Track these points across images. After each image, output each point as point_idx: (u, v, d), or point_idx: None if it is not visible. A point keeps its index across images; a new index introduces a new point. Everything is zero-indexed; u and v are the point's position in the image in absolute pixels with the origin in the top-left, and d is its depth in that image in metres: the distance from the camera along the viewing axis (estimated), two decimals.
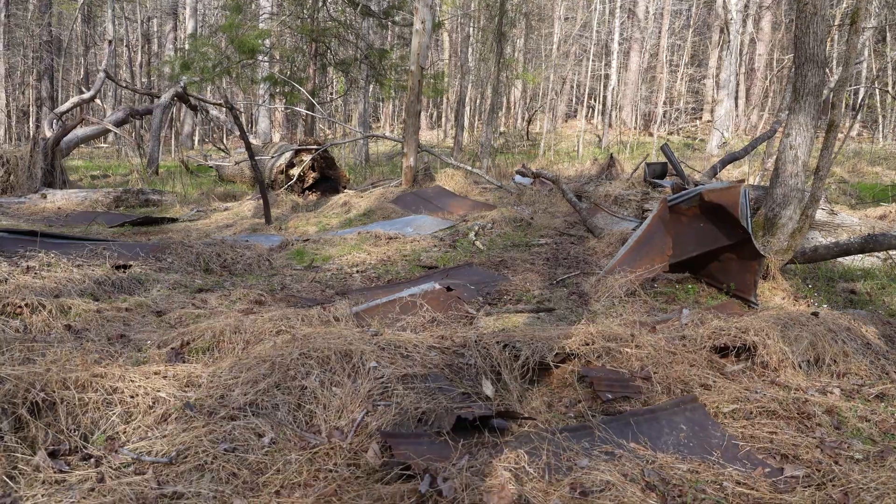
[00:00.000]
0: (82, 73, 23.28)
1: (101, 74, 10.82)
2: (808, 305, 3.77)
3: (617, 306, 3.73)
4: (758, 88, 21.78)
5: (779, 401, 2.38)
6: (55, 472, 1.81)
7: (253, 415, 2.12)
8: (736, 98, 20.65)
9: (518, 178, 9.32)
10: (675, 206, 4.11)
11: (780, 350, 2.70)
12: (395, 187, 8.64)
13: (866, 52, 16.56)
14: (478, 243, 5.57)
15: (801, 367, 2.68)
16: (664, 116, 24.11)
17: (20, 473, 1.78)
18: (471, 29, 19.18)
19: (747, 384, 2.56)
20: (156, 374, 2.32)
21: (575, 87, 28.67)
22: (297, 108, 11.93)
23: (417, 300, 3.67)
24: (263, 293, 3.90)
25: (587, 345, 2.68)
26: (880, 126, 18.31)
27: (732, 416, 2.32)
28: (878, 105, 18.60)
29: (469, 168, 9.51)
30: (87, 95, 10.58)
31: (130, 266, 4.26)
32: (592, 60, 23.10)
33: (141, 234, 6.30)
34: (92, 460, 1.90)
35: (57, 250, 4.20)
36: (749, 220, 3.88)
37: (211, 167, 11.50)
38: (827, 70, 5.40)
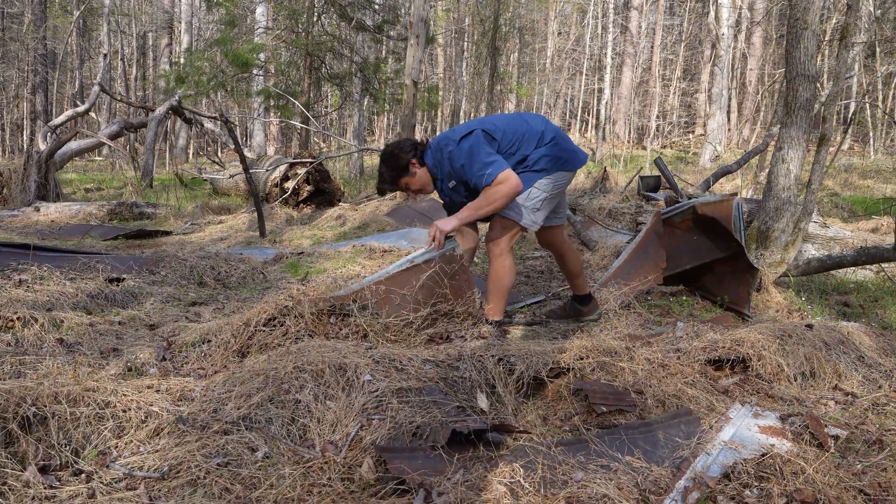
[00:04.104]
0: (77, 86, 23.30)
1: (96, 88, 10.82)
2: (802, 318, 3.78)
3: (612, 319, 3.74)
4: (750, 102, 21.98)
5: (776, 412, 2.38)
6: (45, 488, 1.79)
7: (246, 429, 2.10)
8: (728, 112, 20.82)
9: None
10: (669, 219, 4.13)
11: (775, 362, 2.71)
12: (389, 200, 8.66)
13: (857, 67, 16.75)
14: None
15: (795, 380, 2.68)
16: (657, 130, 24.28)
17: (10, 489, 1.76)
18: (465, 43, 19.32)
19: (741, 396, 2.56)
20: (148, 387, 2.30)
21: (568, 101, 28.86)
22: (292, 122, 11.96)
23: None
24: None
25: (582, 358, 2.68)
26: (871, 140, 18.49)
27: None
28: (869, 119, 18.79)
29: None
30: (81, 108, 10.58)
31: (124, 279, 4.24)
32: (586, 75, 23.27)
33: (135, 246, 6.27)
34: (83, 475, 1.88)
35: (50, 263, 4.18)
36: (742, 232, 3.90)
37: (205, 180, 11.50)
38: (818, 84, 5.45)
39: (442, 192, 3.42)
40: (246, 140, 22.35)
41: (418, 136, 26.90)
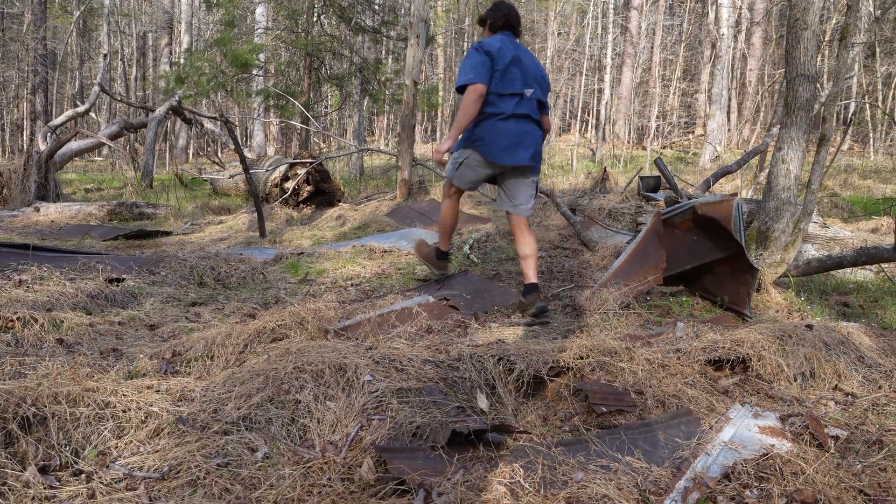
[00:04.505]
0: (77, 86, 23.30)
1: (96, 88, 10.82)
2: (802, 318, 3.78)
3: (611, 319, 3.74)
4: (749, 103, 21.98)
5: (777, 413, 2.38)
6: (45, 488, 1.79)
7: (246, 429, 2.10)
8: (728, 112, 20.82)
9: None
10: (669, 219, 4.13)
11: (775, 363, 2.71)
12: (389, 200, 8.66)
13: (857, 68, 16.75)
14: (472, 256, 5.58)
15: (795, 380, 2.68)
16: (657, 130, 24.28)
17: (10, 490, 1.76)
18: (465, 44, 19.31)
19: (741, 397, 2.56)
20: (148, 388, 2.30)
21: (568, 101, 28.87)
22: (292, 122, 11.96)
23: (414, 309, 3.67)
24: (257, 307, 3.89)
25: (582, 358, 2.68)
26: (871, 140, 18.49)
27: None
28: (869, 120, 18.80)
29: None
30: (81, 109, 10.57)
31: (124, 279, 4.24)
32: (585, 75, 23.26)
33: (135, 247, 6.27)
34: (83, 476, 1.88)
35: (50, 263, 4.18)
36: (742, 233, 3.90)
37: (205, 180, 11.50)
38: (818, 85, 5.45)
39: None
40: (246, 140, 22.35)
41: (418, 136, 26.88)
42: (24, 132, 23.82)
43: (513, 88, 3.72)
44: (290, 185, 8.80)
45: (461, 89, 3.71)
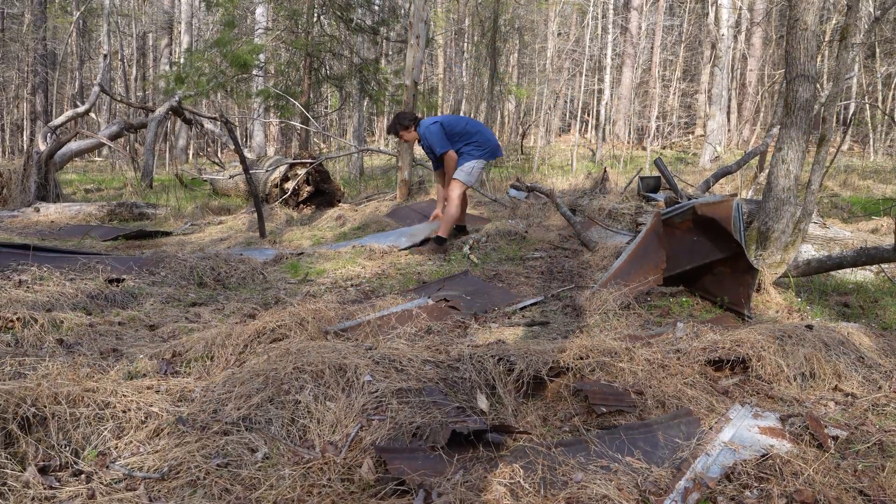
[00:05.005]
0: (77, 86, 23.30)
1: (96, 88, 10.82)
2: (802, 318, 3.78)
3: (611, 319, 3.74)
4: (749, 103, 21.98)
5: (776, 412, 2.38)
6: (45, 489, 1.79)
7: (246, 429, 2.10)
8: (728, 112, 20.81)
9: (512, 191, 9.34)
10: (669, 220, 4.13)
11: (775, 363, 2.71)
12: (389, 201, 8.66)
13: (857, 68, 16.74)
14: (472, 257, 5.58)
15: (795, 380, 2.68)
16: (657, 131, 24.27)
17: (10, 490, 1.76)
18: (465, 44, 19.31)
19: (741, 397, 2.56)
20: (148, 388, 2.30)
21: (568, 101, 28.87)
22: (292, 122, 11.96)
23: (414, 310, 3.67)
24: (257, 307, 3.88)
25: (581, 358, 2.68)
26: (871, 140, 18.49)
27: None
28: (869, 120, 18.79)
29: None
30: (81, 109, 10.57)
31: (123, 280, 4.24)
32: (585, 75, 23.25)
33: (134, 247, 6.27)
34: (83, 476, 1.88)
35: (50, 264, 4.18)
36: (742, 233, 3.90)
37: (205, 181, 11.50)
38: (817, 85, 5.45)
39: (422, 147, 6.04)
40: (246, 141, 22.35)
41: None
42: (24, 132, 23.82)
43: (467, 134, 5.86)
44: (290, 185, 8.80)
45: (441, 156, 5.82)
